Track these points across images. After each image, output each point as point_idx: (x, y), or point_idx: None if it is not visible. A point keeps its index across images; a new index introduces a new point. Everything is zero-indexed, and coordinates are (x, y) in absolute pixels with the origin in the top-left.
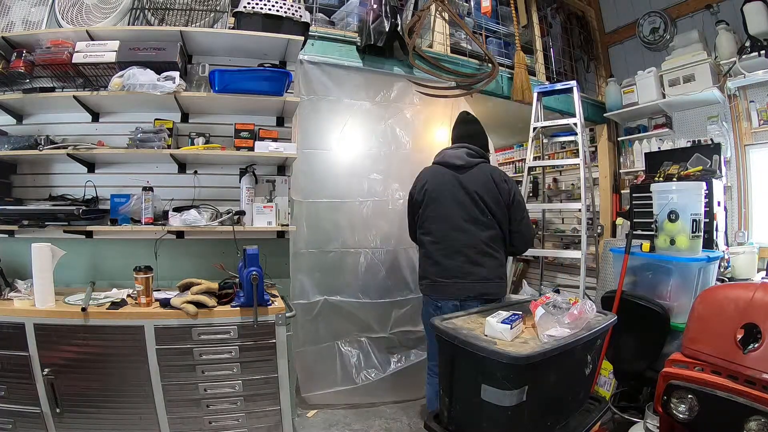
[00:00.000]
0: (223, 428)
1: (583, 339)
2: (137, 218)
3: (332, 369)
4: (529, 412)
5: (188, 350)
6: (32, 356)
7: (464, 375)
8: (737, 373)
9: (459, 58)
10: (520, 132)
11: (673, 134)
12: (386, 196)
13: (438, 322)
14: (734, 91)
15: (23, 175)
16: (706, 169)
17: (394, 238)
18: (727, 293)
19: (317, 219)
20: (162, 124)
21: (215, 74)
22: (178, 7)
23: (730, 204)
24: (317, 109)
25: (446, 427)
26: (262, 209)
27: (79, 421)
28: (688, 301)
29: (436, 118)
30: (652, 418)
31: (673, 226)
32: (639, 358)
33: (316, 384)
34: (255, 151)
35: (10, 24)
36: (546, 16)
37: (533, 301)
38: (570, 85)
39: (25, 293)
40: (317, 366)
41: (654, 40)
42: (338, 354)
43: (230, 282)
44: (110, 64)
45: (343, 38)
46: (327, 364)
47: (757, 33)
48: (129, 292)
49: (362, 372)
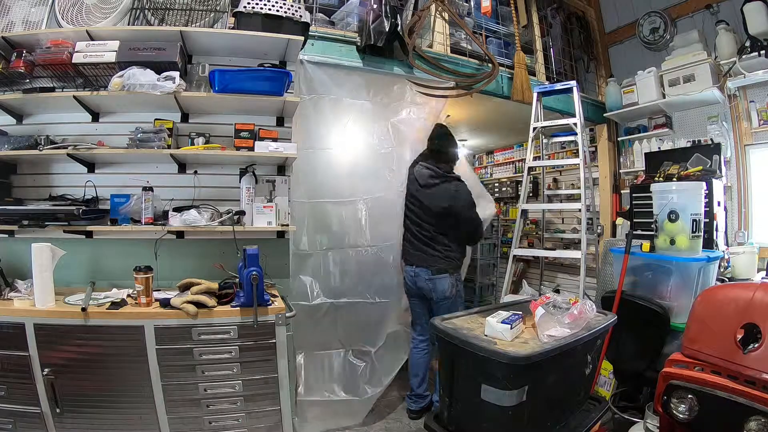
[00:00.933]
0: (223, 428)
1: (583, 339)
2: (137, 218)
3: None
4: (529, 412)
5: (188, 350)
6: (32, 356)
7: (464, 375)
8: (737, 373)
9: (459, 58)
10: (520, 132)
11: (673, 134)
12: (386, 195)
13: (438, 322)
14: (734, 91)
15: (23, 175)
16: (706, 169)
17: (395, 238)
18: (727, 293)
19: (318, 219)
20: (162, 124)
21: (215, 74)
22: (178, 7)
23: (730, 204)
24: (318, 108)
25: (446, 427)
26: (262, 209)
27: (79, 421)
28: (688, 301)
29: (435, 118)
30: (652, 418)
31: (673, 226)
32: (639, 358)
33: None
34: (255, 151)
35: (10, 24)
36: (546, 16)
37: (533, 301)
38: (570, 85)
39: (25, 293)
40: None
41: (654, 40)
42: (338, 358)
43: (230, 282)
44: (110, 64)
45: (343, 38)
46: (327, 367)
47: (757, 33)
48: (129, 292)
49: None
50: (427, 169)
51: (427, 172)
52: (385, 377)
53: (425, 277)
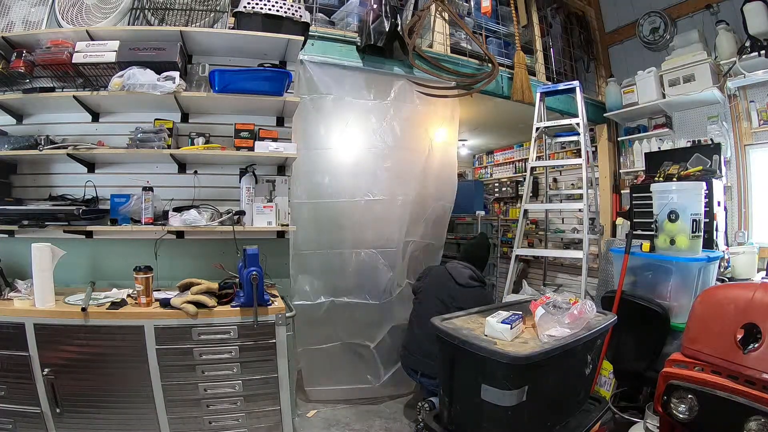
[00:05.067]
0: (223, 428)
1: (583, 339)
2: (137, 218)
3: (333, 372)
4: (529, 412)
5: (188, 350)
6: (32, 356)
7: (464, 375)
8: (737, 373)
9: (459, 58)
10: (520, 132)
11: (673, 134)
12: (386, 195)
13: (438, 322)
14: (734, 91)
15: (23, 175)
16: (706, 169)
17: (395, 238)
18: (727, 293)
19: (318, 219)
20: (162, 124)
21: (215, 74)
22: (178, 7)
23: (730, 204)
24: (318, 108)
25: (446, 427)
26: (262, 209)
27: (79, 421)
28: (688, 301)
29: (435, 118)
30: (652, 418)
31: (673, 226)
32: (639, 358)
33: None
34: (255, 151)
35: (10, 24)
36: (546, 16)
37: (533, 301)
38: (573, 85)
39: (25, 293)
40: (319, 367)
41: (654, 40)
42: (338, 355)
43: (230, 282)
44: (110, 64)
45: (343, 38)
46: (327, 366)
47: (757, 33)
48: (129, 292)
49: (363, 375)
50: (468, 269)
51: (468, 272)
52: (384, 372)
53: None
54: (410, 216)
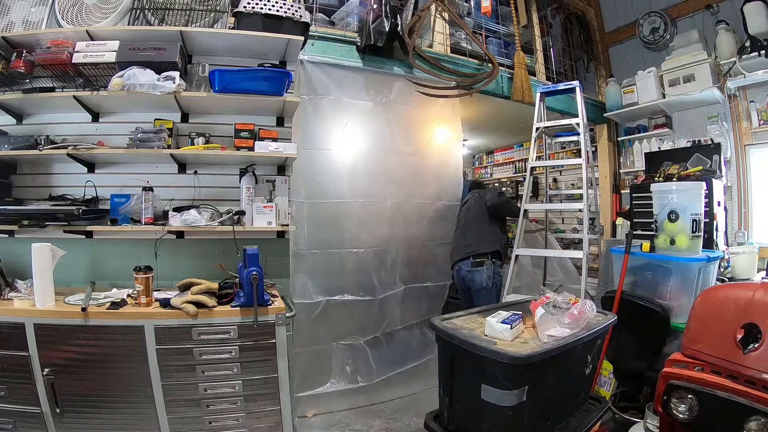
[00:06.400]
0: (223, 428)
1: (583, 339)
2: (137, 218)
3: (331, 369)
4: (529, 412)
5: (188, 350)
6: (32, 356)
7: (464, 375)
8: (737, 373)
9: (459, 58)
10: (520, 132)
11: (673, 134)
12: (386, 195)
13: (438, 322)
14: (734, 91)
15: (23, 175)
16: (706, 169)
17: (395, 237)
18: (727, 293)
19: (318, 219)
20: (162, 124)
21: (215, 74)
22: (178, 7)
23: (730, 204)
24: (318, 108)
25: (446, 427)
26: (262, 209)
27: (79, 421)
28: (688, 301)
29: (436, 118)
30: (652, 418)
31: (673, 226)
32: (639, 358)
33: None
34: (255, 151)
35: (10, 24)
36: (546, 16)
37: (533, 301)
38: (573, 85)
39: (25, 293)
40: (315, 366)
41: (654, 40)
42: (336, 354)
43: (230, 282)
44: (110, 64)
45: (343, 38)
46: (325, 365)
47: (757, 33)
48: (129, 292)
49: (361, 373)
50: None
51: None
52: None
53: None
54: (410, 216)
